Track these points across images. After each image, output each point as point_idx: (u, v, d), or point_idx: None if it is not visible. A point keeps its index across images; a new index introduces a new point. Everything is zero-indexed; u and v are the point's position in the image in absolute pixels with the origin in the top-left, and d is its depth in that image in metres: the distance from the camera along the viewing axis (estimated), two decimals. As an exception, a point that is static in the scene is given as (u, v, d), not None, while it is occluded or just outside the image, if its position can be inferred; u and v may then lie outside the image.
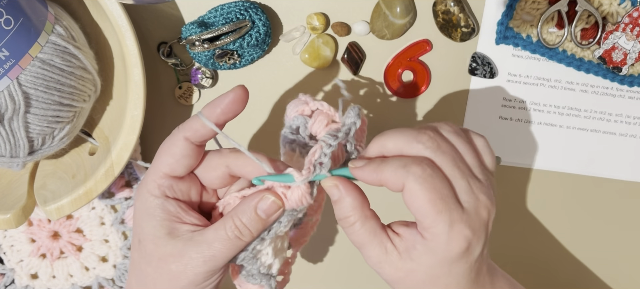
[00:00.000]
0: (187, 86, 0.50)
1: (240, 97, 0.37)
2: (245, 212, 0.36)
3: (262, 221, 0.37)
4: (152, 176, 0.37)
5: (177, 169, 0.37)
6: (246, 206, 0.36)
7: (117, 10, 0.43)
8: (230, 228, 0.36)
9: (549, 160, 0.53)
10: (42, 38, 0.40)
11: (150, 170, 0.38)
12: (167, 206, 0.37)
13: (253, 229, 0.36)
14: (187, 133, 0.36)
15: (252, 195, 0.37)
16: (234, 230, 0.36)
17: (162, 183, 0.37)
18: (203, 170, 0.38)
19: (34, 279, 0.57)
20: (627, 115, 0.51)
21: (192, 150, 0.37)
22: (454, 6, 0.46)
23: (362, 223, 0.36)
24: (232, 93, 0.36)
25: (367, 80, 0.50)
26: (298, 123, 0.39)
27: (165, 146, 0.37)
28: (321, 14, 0.48)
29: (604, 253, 0.57)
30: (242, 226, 0.36)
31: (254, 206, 0.36)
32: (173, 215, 0.37)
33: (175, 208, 0.37)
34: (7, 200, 0.49)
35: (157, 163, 0.37)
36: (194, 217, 0.37)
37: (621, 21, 0.45)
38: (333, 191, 0.36)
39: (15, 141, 0.42)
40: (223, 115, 0.36)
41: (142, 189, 0.37)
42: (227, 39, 0.45)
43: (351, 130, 0.37)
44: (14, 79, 0.39)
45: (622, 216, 0.55)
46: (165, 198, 0.37)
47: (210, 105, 0.37)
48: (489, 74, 0.49)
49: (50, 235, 0.56)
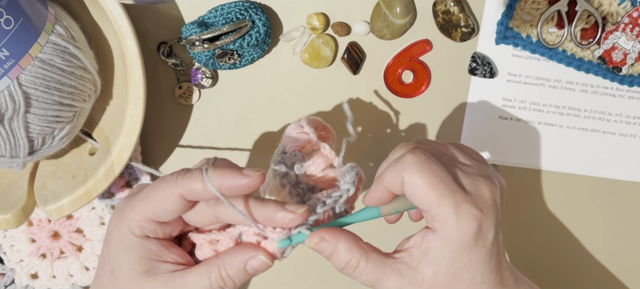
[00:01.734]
0: (187, 86, 0.50)
1: (255, 186, 0.33)
2: (234, 266, 0.35)
3: (248, 277, 0.35)
4: (135, 216, 0.34)
5: (163, 218, 0.35)
6: (237, 260, 0.35)
7: (117, 10, 0.43)
8: (215, 278, 0.35)
9: (549, 160, 0.53)
10: (42, 38, 0.40)
11: (133, 206, 0.35)
12: (149, 246, 0.35)
13: (238, 282, 0.35)
14: (184, 192, 0.34)
15: (245, 249, 0.35)
16: (218, 281, 0.35)
17: (146, 225, 0.35)
18: (189, 214, 0.36)
19: (34, 279, 0.57)
20: (627, 115, 0.51)
21: (184, 207, 0.34)
22: (454, 6, 0.46)
23: (366, 259, 0.35)
24: (249, 179, 0.33)
25: (367, 80, 0.50)
26: (294, 161, 0.38)
27: (156, 193, 0.34)
28: (321, 14, 0.48)
29: (604, 253, 0.57)
30: (228, 278, 0.35)
31: (245, 260, 0.35)
32: (154, 254, 0.35)
33: (156, 247, 0.35)
34: (7, 200, 0.49)
35: (144, 206, 0.34)
36: (175, 254, 0.36)
37: (621, 21, 0.45)
38: (322, 245, 0.35)
39: (15, 141, 0.42)
40: (228, 191, 0.33)
41: (122, 224, 0.35)
42: (227, 39, 0.45)
43: (343, 197, 0.36)
44: (14, 79, 0.39)
45: (622, 217, 0.55)
46: (146, 238, 0.35)
47: (220, 173, 0.33)
48: (489, 74, 0.49)
49: (50, 234, 0.56)
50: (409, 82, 0.50)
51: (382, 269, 0.35)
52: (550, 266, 0.58)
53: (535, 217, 0.55)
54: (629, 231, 0.56)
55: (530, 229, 0.56)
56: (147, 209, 0.34)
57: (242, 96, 0.51)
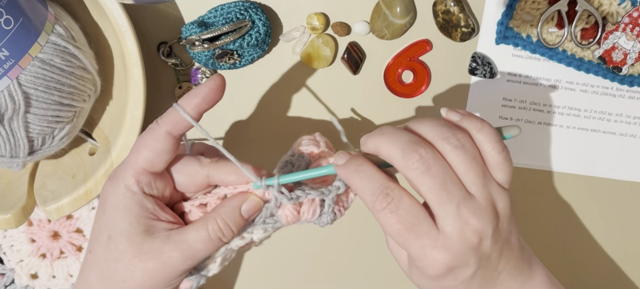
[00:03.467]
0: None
1: (218, 85, 0.36)
2: (229, 213, 0.36)
3: (244, 221, 0.37)
4: (130, 171, 0.36)
5: (157, 164, 0.36)
6: (230, 207, 0.36)
7: (117, 10, 0.43)
8: (213, 229, 0.36)
9: (549, 160, 0.53)
10: (42, 38, 0.40)
11: (126, 163, 0.36)
12: (145, 203, 0.36)
13: (235, 229, 0.37)
14: (168, 127, 0.36)
15: (235, 196, 0.37)
16: (216, 231, 0.36)
17: (142, 179, 0.36)
18: (181, 176, 0.38)
19: (34, 279, 0.57)
20: (627, 115, 0.51)
21: (172, 144, 0.36)
22: (454, 6, 0.46)
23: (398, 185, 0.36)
24: (211, 82, 0.36)
25: (367, 80, 0.50)
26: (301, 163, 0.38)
27: (144, 140, 0.36)
28: (321, 14, 0.48)
29: (605, 253, 0.57)
30: (226, 227, 0.36)
31: (238, 206, 0.36)
32: (150, 212, 0.36)
33: (152, 205, 0.36)
34: (7, 200, 0.49)
35: (136, 157, 0.36)
36: (169, 215, 0.37)
37: (621, 21, 0.45)
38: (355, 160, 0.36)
39: (15, 141, 0.42)
40: (204, 104, 0.36)
41: (118, 183, 0.36)
42: (227, 39, 0.45)
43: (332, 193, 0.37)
44: (14, 79, 0.39)
45: (623, 217, 0.55)
46: (144, 195, 0.36)
47: (188, 95, 0.36)
48: (489, 74, 0.49)
49: (50, 234, 0.56)
50: (409, 82, 0.50)
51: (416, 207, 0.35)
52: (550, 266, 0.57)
53: (535, 217, 0.55)
54: (629, 231, 0.56)
55: (530, 229, 0.56)
56: (141, 158, 0.36)
57: (242, 96, 0.51)
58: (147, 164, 0.36)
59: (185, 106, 0.36)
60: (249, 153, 0.53)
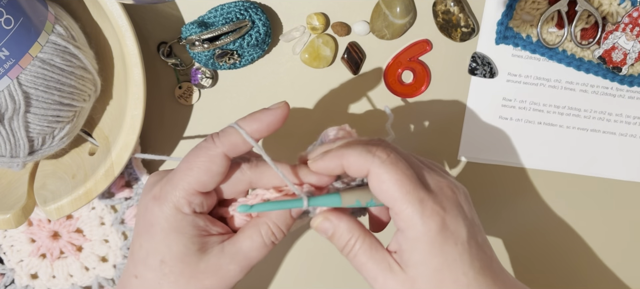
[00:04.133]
0: (187, 86, 0.50)
1: (283, 115, 0.36)
2: (280, 216, 0.36)
3: (292, 222, 0.37)
4: (181, 192, 0.34)
5: (209, 186, 0.35)
6: (282, 210, 0.36)
7: (117, 10, 0.43)
8: (266, 234, 0.36)
9: (549, 160, 0.53)
10: (42, 38, 0.40)
11: (175, 184, 0.35)
12: (198, 222, 0.35)
13: (285, 230, 0.37)
14: (226, 149, 0.35)
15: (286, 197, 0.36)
16: (270, 236, 0.36)
17: (193, 200, 0.35)
18: (224, 186, 0.37)
19: (34, 279, 0.57)
20: (627, 115, 0.51)
21: (227, 167, 0.35)
22: (454, 6, 0.46)
23: (363, 240, 0.36)
24: (278, 110, 0.35)
25: (367, 80, 0.50)
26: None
27: (199, 161, 0.35)
28: (321, 14, 0.48)
29: (605, 253, 0.57)
30: (278, 230, 0.36)
31: (290, 210, 0.36)
32: (203, 230, 0.35)
33: (204, 222, 0.35)
34: (7, 200, 0.49)
35: (188, 178, 0.34)
36: (218, 226, 0.36)
37: (621, 21, 0.45)
38: (325, 225, 0.36)
39: (15, 141, 0.42)
40: (265, 131, 0.35)
41: (166, 204, 0.35)
42: (227, 39, 0.45)
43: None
44: (14, 79, 0.39)
45: (623, 217, 0.55)
46: (195, 215, 0.35)
47: (250, 119, 0.35)
48: (489, 74, 0.49)
49: (50, 235, 0.56)
50: (409, 82, 0.50)
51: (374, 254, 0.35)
52: (550, 266, 0.58)
53: (535, 217, 0.55)
54: (629, 232, 0.56)
55: (530, 229, 0.56)
56: (193, 180, 0.34)
57: (242, 96, 0.51)
58: (199, 186, 0.35)
59: (245, 128, 0.35)
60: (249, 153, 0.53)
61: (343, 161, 0.35)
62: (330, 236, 0.36)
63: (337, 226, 0.36)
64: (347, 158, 0.35)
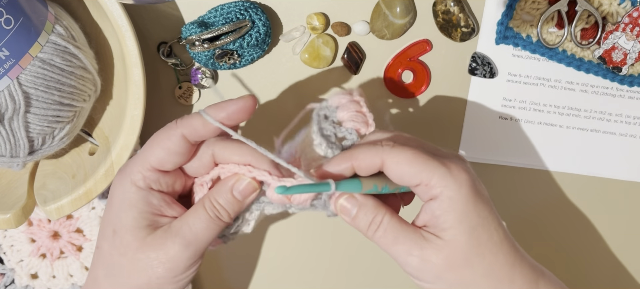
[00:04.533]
0: (187, 86, 0.50)
1: (248, 106, 0.36)
2: (222, 194, 0.36)
3: (239, 203, 0.36)
4: (138, 166, 0.36)
5: (166, 164, 0.36)
6: (222, 187, 0.36)
7: (117, 10, 0.43)
8: (209, 207, 0.36)
9: (549, 160, 0.53)
10: (42, 38, 0.40)
11: (137, 158, 0.36)
12: (151, 199, 0.36)
13: (230, 210, 0.36)
14: (185, 130, 0.35)
15: (228, 178, 0.36)
16: (212, 210, 0.35)
17: (148, 175, 0.35)
18: (190, 163, 0.37)
19: (34, 279, 0.57)
20: (627, 115, 0.51)
21: (186, 148, 0.36)
22: (454, 6, 0.46)
23: (391, 215, 0.36)
24: (242, 100, 0.35)
25: (367, 80, 0.50)
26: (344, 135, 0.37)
27: (158, 138, 0.36)
28: (321, 14, 0.48)
29: (605, 253, 0.57)
30: (219, 205, 0.36)
31: (230, 187, 0.36)
32: (156, 208, 0.36)
33: (158, 201, 0.36)
34: (7, 200, 0.49)
35: (147, 154, 0.36)
36: (175, 211, 0.37)
37: (621, 21, 0.45)
38: (348, 204, 0.36)
39: (16, 141, 0.42)
40: (227, 120, 0.35)
41: (125, 178, 0.36)
42: (227, 39, 0.45)
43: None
44: (14, 79, 0.39)
45: (623, 217, 0.55)
46: (149, 191, 0.36)
47: (215, 106, 0.36)
48: (489, 74, 0.49)
49: (50, 234, 0.56)
50: (409, 82, 0.50)
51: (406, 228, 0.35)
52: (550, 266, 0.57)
53: (535, 217, 0.55)
54: (629, 232, 0.56)
55: (530, 229, 0.56)
56: (151, 157, 0.35)
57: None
58: (157, 162, 0.36)
59: (210, 113, 0.35)
60: (249, 153, 0.53)
61: (353, 162, 0.35)
62: (354, 216, 0.36)
63: (363, 204, 0.36)
64: (356, 158, 0.35)
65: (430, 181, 0.34)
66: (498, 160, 0.53)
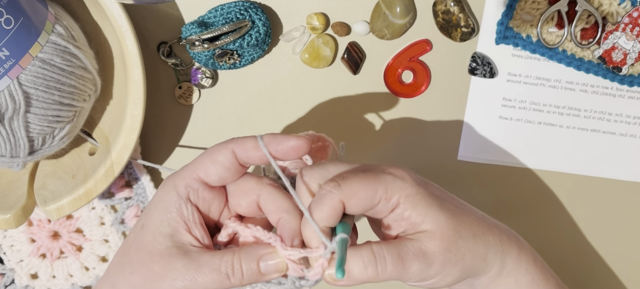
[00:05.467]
0: (187, 86, 0.50)
1: (303, 148, 0.36)
2: (247, 257, 0.35)
3: (258, 276, 0.35)
4: (185, 174, 0.36)
5: (211, 176, 0.36)
6: (251, 252, 0.35)
7: (117, 10, 0.43)
8: (225, 263, 0.35)
9: (549, 160, 0.53)
10: (42, 38, 0.40)
11: (187, 167, 0.37)
12: (183, 209, 0.36)
13: (246, 277, 0.35)
14: (236, 148, 0.36)
15: (262, 245, 0.35)
16: (227, 268, 0.35)
17: (191, 184, 0.36)
18: (234, 189, 0.37)
19: (34, 279, 0.57)
20: (627, 115, 0.51)
21: (233, 166, 0.36)
22: (454, 6, 0.46)
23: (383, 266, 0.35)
24: (298, 141, 0.35)
25: (367, 80, 0.50)
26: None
27: (210, 151, 0.36)
28: (321, 14, 0.48)
29: (605, 253, 0.57)
30: (238, 269, 0.35)
31: (259, 256, 0.35)
32: (183, 220, 0.36)
33: (189, 213, 0.36)
34: (7, 200, 0.49)
35: (196, 164, 0.36)
36: (200, 233, 0.36)
37: (621, 21, 0.45)
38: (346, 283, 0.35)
39: (16, 141, 0.42)
40: (277, 153, 0.36)
41: (170, 181, 0.37)
42: (227, 39, 0.45)
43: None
44: (14, 79, 0.39)
45: (623, 217, 0.55)
46: (186, 200, 0.36)
47: (273, 137, 0.36)
48: (489, 74, 0.49)
49: (50, 235, 0.56)
50: (409, 82, 0.50)
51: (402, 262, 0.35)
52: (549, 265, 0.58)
53: (535, 217, 0.55)
54: (629, 232, 0.56)
55: (530, 229, 0.56)
56: (198, 166, 0.36)
57: (242, 96, 0.51)
58: (203, 172, 0.36)
59: (265, 139, 0.36)
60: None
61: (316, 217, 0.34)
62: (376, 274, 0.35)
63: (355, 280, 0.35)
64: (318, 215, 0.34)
65: (386, 194, 0.35)
66: (498, 160, 0.53)
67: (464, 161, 0.53)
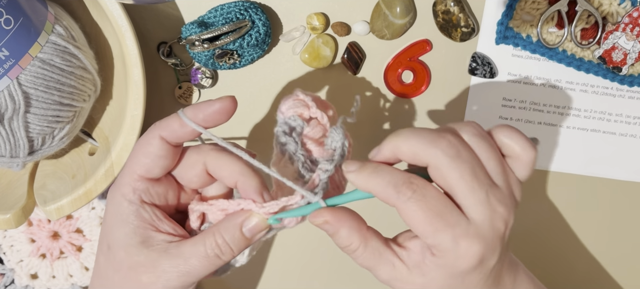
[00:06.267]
0: (187, 86, 0.50)
1: (227, 108, 0.34)
2: (229, 230, 0.34)
3: (247, 241, 0.35)
4: (126, 178, 0.35)
5: (153, 170, 0.35)
6: (230, 223, 0.34)
7: (117, 10, 0.43)
8: (210, 245, 0.34)
9: (549, 160, 0.53)
10: (42, 38, 0.40)
11: (124, 170, 0.35)
12: (142, 213, 0.35)
13: (236, 248, 0.35)
14: (163, 133, 0.34)
15: (237, 214, 0.35)
16: (214, 248, 0.34)
17: (138, 186, 0.35)
18: (180, 167, 0.36)
19: (33, 279, 0.57)
20: (627, 115, 0.51)
21: (168, 151, 0.35)
22: (454, 6, 0.46)
23: (364, 247, 0.35)
24: (220, 102, 0.34)
25: (367, 80, 0.50)
26: (294, 125, 0.37)
27: (139, 145, 0.35)
28: (321, 14, 0.48)
29: (605, 253, 0.57)
30: (225, 244, 0.34)
31: (240, 224, 0.34)
32: (148, 222, 0.35)
33: (150, 214, 0.35)
34: (7, 200, 0.49)
35: (132, 164, 0.35)
36: (169, 226, 0.35)
37: (621, 21, 0.45)
38: (325, 227, 0.35)
39: (15, 141, 0.42)
40: (204, 122, 0.34)
41: (116, 192, 0.35)
42: (227, 39, 0.45)
43: (345, 151, 0.36)
44: (14, 79, 0.39)
45: (622, 217, 0.55)
46: (141, 204, 0.35)
47: (193, 108, 0.34)
48: (489, 74, 0.49)
49: (50, 235, 0.56)
50: (409, 82, 0.50)
51: (377, 259, 0.35)
52: (550, 266, 0.58)
53: (535, 217, 0.55)
54: (629, 232, 0.56)
55: (530, 229, 0.56)
56: (135, 165, 0.35)
57: (242, 96, 0.51)
58: (142, 170, 0.35)
59: (187, 114, 0.34)
60: (249, 153, 0.53)
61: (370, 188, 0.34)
62: (331, 235, 0.35)
63: (338, 231, 0.35)
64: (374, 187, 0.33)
65: (433, 245, 0.33)
66: (498, 160, 0.53)
67: (464, 161, 0.53)
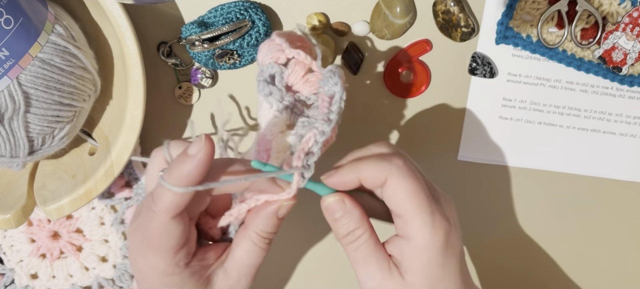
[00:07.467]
0: (187, 86, 0.50)
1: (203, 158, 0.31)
2: (266, 219, 0.35)
3: (279, 221, 0.36)
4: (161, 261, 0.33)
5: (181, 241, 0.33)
6: (266, 214, 0.35)
7: (117, 10, 0.43)
8: (259, 241, 0.35)
9: (549, 160, 0.53)
10: (42, 38, 0.40)
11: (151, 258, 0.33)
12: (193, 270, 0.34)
13: (276, 230, 0.36)
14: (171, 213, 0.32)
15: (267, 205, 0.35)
16: (262, 241, 0.35)
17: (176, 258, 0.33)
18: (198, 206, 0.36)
19: (33, 279, 0.57)
20: (627, 115, 0.51)
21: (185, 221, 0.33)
22: (454, 6, 0.46)
23: (370, 234, 0.36)
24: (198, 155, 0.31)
25: (367, 80, 0.50)
26: (272, 72, 0.36)
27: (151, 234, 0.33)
28: (321, 14, 0.48)
29: (605, 253, 0.57)
30: (268, 233, 0.35)
31: (274, 211, 0.35)
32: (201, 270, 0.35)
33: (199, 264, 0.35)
34: (7, 200, 0.49)
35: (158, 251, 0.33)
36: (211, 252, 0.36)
37: (621, 21, 0.45)
38: (339, 205, 0.35)
39: (15, 141, 0.42)
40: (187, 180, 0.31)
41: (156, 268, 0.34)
42: (227, 39, 0.45)
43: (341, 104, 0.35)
44: (14, 79, 0.39)
45: (622, 217, 0.55)
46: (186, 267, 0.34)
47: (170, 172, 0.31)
48: (489, 74, 0.49)
49: (50, 235, 0.56)
50: (409, 82, 0.50)
51: (376, 252, 0.36)
52: (549, 266, 0.58)
53: (534, 217, 0.55)
54: (629, 232, 0.56)
55: (530, 229, 0.56)
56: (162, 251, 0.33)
57: (242, 96, 0.51)
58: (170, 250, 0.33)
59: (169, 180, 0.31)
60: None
61: (359, 174, 0.35)
62: (337, 218, 0.36)
63: (350, 211, 0.35)
64: (363, 170, 0.35)
65: (411, 223, 0.34)
66: (498, 160, 0.53)
67: (464, 161, 0.53)
